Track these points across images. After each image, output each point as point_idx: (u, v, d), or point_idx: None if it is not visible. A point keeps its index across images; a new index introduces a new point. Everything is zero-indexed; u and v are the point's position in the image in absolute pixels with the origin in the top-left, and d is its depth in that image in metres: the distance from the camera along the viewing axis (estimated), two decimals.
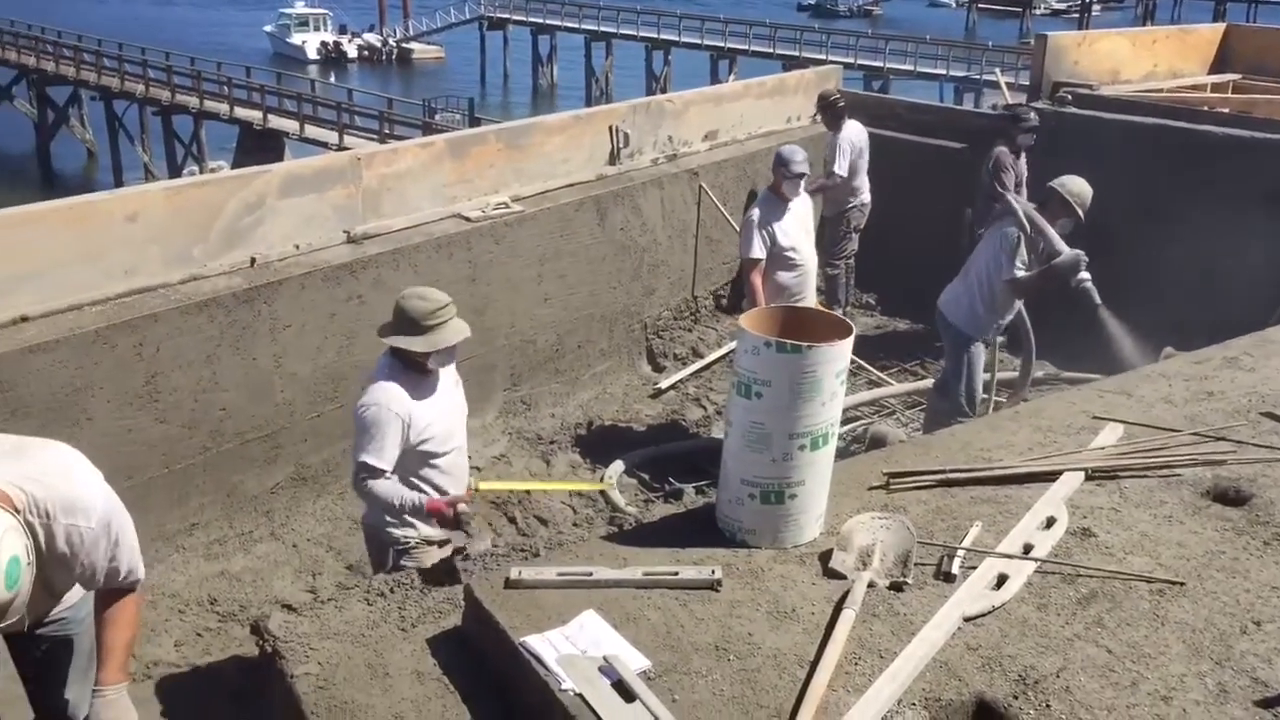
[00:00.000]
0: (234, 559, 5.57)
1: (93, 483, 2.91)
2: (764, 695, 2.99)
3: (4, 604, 2.52)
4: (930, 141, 9.57)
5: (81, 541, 2.82)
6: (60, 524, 2.75)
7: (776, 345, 3.48)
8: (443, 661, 3.49)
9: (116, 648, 3.05)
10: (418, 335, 4.12)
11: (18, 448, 2.88)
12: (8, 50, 39.73)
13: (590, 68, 49.40)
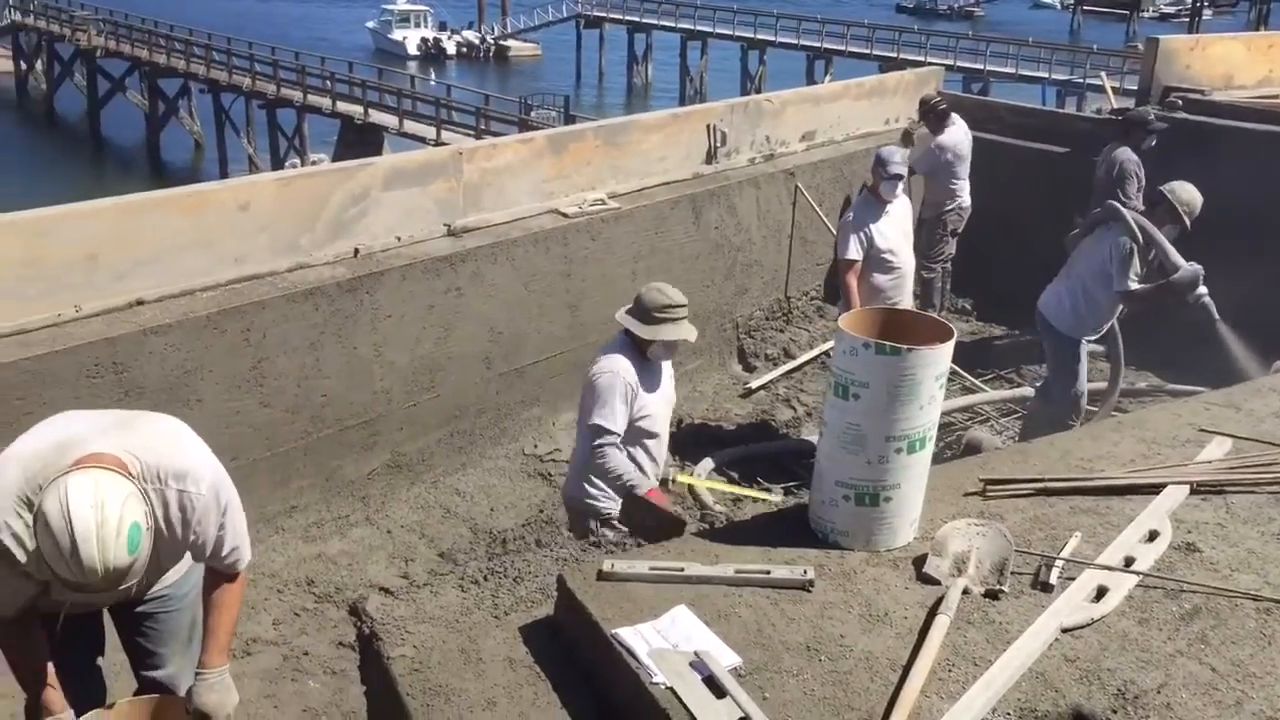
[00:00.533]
0: (330, 542, 5.70)
1: (201, 451, 3.01)
2: (855, 698, 2.97)
3: (124, 568, 2.61)
4: (1032, 145, 9.40)
5: (193, 508, 2.91)
6: (172, 490, 2.84)
7: (875, 347, 3.46)
8: (534, 650, 3.54)
9: (219, 632, 3.14)
10: (644, 323, 4.43)
11: (127, 420, 3.00)
12: (122, 43, 41.06)
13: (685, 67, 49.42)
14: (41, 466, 2.72)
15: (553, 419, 6.96)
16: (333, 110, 32.75)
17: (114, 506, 2.59)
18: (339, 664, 4.84)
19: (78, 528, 2.53)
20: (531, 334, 6.69)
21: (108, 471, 2.66)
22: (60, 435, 2.82)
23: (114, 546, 2.57)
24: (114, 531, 2.57)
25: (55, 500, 2.56)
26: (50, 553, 2.57)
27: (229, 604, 3.18)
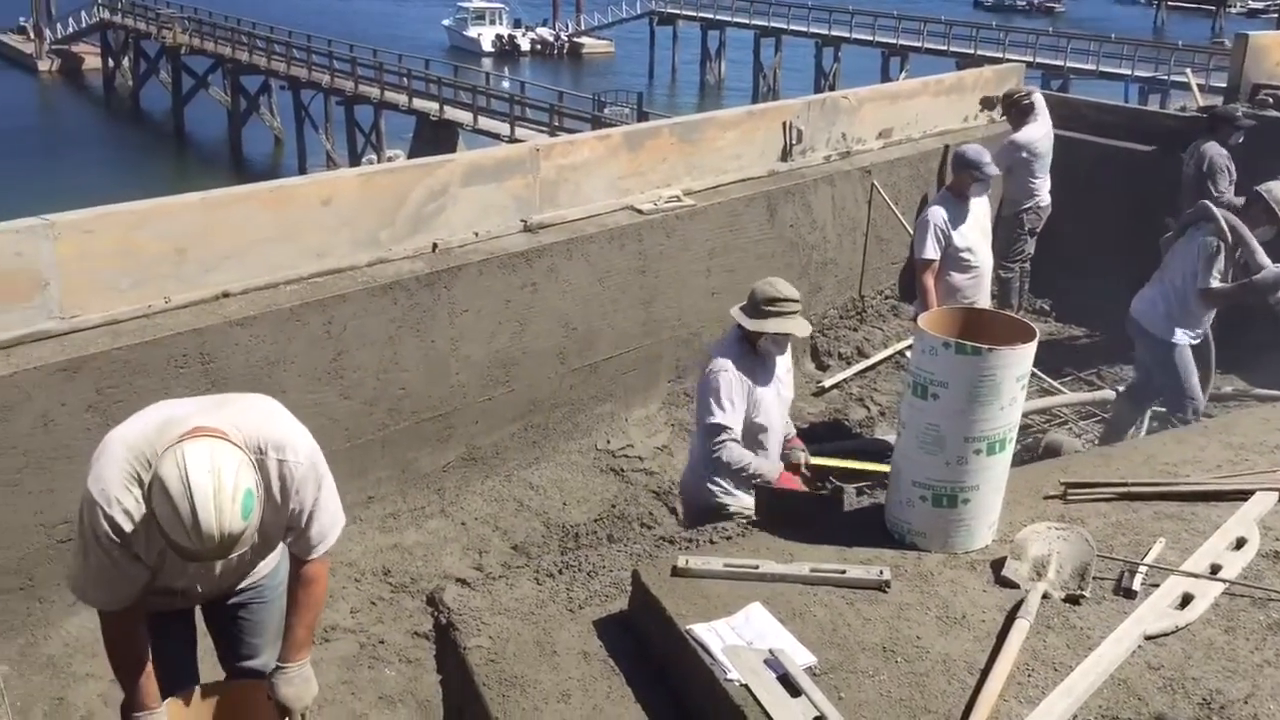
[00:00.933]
0: (406, 533, 5.78)
1: (296, 424, 3.09)
2: (933, 700, 2.95)
3: (238, 534, 2.67)
4: (1115, 144, 9.22)
5: (292, 477, 2.98)
6: (273, 460, 2.92)
7: (955, 346, 3.43)
8: (608, 644, 3.56)
9: (299, 630, 3.21)
10: (754, 316, 4.46)
11: (224, 400, 3.09)
12: (206, 41, 41.96)
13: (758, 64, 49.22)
14: (147, 444, 2.81)
15: (625, 414, 6.99)
16: (409, 107, 33.17)
17: (229, 473, 2.65)
18: (414, 653, 4.92)
19: (196, 493, 2.59)
20: (605, 330, 6.72)
21: (220, 440, 2.73)
22: (163, 416, 2.91)
23: (229, 511, 2.63)
24: (229, 497, 2.63)
25: (173, 467, 2.62)
26: (168, 519, 2.63)
27: (311, 604, 3.24)
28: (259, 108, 40.39)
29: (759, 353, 4.54)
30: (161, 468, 2.65)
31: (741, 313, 4.52)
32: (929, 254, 6.48)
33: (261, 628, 3.44)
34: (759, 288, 4.52)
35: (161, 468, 2.65)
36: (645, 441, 6.89)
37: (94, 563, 2.88)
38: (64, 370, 4.46)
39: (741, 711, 2.96)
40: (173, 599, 3.22)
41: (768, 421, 4.56)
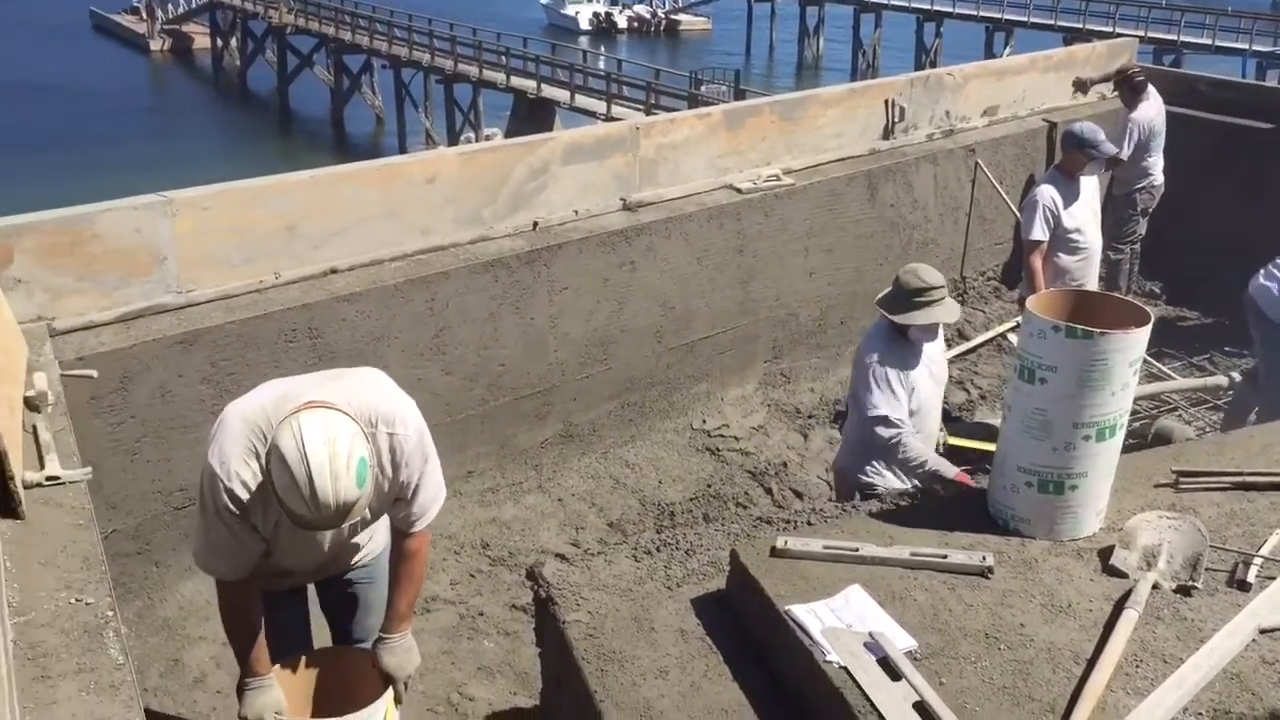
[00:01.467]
0: (504, 507, 5.87)
1: (404, 397, 3.16)
2: (1036, 688, 2.91)
3: (352, 503, 2.75)
4: (1232, 121, 8.89)
5: (401, 450, 3.05)
6: (383, 433, 2.99)
7: (1066, 330, 3.36)
8: (706, 622, 3.58)
9: (401, 604, 3.29)
10: (899, 308, 4.43)
11: (334, 374, 3.17)
12: (310, 20, 42.79)
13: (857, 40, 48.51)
14: (264, 418, 2.91)
15: (721, 394, 6.98)
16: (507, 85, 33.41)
17: (344, 442, 2.72)
18: (512, 625, 4.99)
19: (313, 461, 2.67)
20: (702, 309, 6.72)
21: (335, 411, 2.80)
22: (278, 391, 3.01)
23: (345, 479, 2.70)
24: (344, 465, 2.70)
25: (290, 436, 2.70)
26: (286, 488, 2.71)
27: (412, 578, 3.31)
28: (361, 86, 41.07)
29: (910, 339, 4.51)
30: (279, 438, 2.73)
31: (888, 303, 4.48)
32: (1037, 235, 6.34)
33: (371, 608, 3.52)
34: (903, 278, 4.45)
35: (279, 438, 2.73)
36: (741, 421, 6.88)
37: (213, 533, 2.98)
38: (181, 343, 4.61)
39: (841, 694, 2.95)
40: (285, 579, 3.32)
41: (920, 404, 4.52)
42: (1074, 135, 6.44)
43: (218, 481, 2.90)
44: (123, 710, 2.46)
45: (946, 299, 4.46)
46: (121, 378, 4.48)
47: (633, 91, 30.34)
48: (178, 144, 33.80)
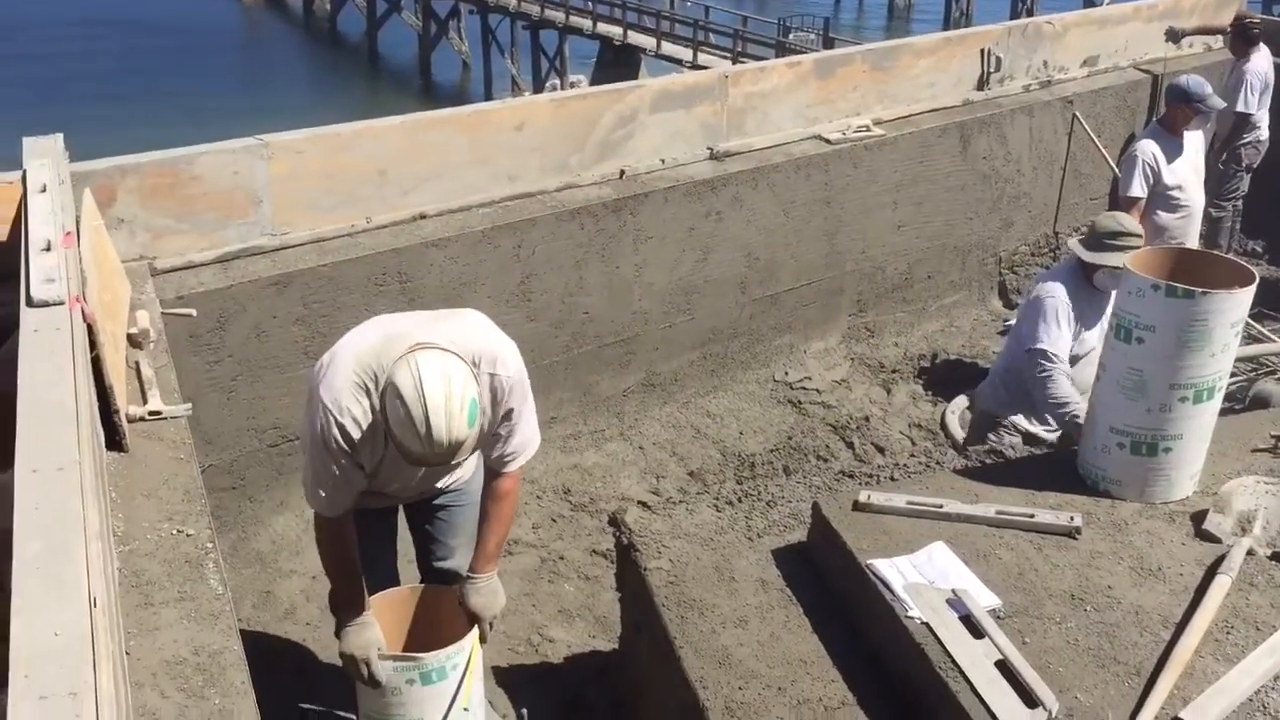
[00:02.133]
0: (586, 454, 5.92)
1: (505, 339, 3.22)
2: (1123, 651, 2.88)
3: (462, 441, 2.84)
4: None
5: (502, 390, 3.13)
6: (485, 373, 3.05)
7: (1165, 289, 3.28)
8: (786, 573, 3.59)
9: (490, 543, 3.34)
10: (1093, 249, 4.49)
11: (439, 315, 3.23)
12: None
13: None
14: (374, 358, 2.98)
15: (804, 347, 6.94)
16: (593, 31, 33.19)
17: (458, 383, 2.82)
18: (592, 570, 5.06)
19: (430, 399, 2.76)
20: (787, 261, 6.66)
21: (448, 353, 2.90)
22: (385, 331, 3.08)
23: (458, 419, 2.79)
24: (459, 405, 2.80)
25: (408, 376, 2.80)
26: (401, 424, 2.80)
27: (502, 518, 3.37)
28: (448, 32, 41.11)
29: (1094, 286, 4.53)
30: (397, 377, 2.82)
31: (1080, 245, 4.54)
32: (1136, 191, 6.17)
33: (457, 529, 3.60)
34: (1101, 220, 4.55)
35: (397, 377, 2.82)
36: (823, 374, 6.84)
37: (320, 468, 3.07)
38: (275, 284, 4.71)
39: (922, 649, 2.95)
40: (378, 500, 3.41)
41: (1086, 356, 4.51)
42: (1180, 88, 6.22)
43: (329, 417, 2.99)
44: (222, 639, 2.56)
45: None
46: (219, 317, 4.59)
47: (719, 39, 29.93)
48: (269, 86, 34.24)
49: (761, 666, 3.18)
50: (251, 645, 2.67)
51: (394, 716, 3.18)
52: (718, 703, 3.06)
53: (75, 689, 1.51)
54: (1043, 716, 2.70)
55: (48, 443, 2.10)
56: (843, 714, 3.02)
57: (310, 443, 3.08)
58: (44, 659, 1.56)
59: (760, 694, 3.08)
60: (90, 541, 1.84)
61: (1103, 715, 2.70)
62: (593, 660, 4.48)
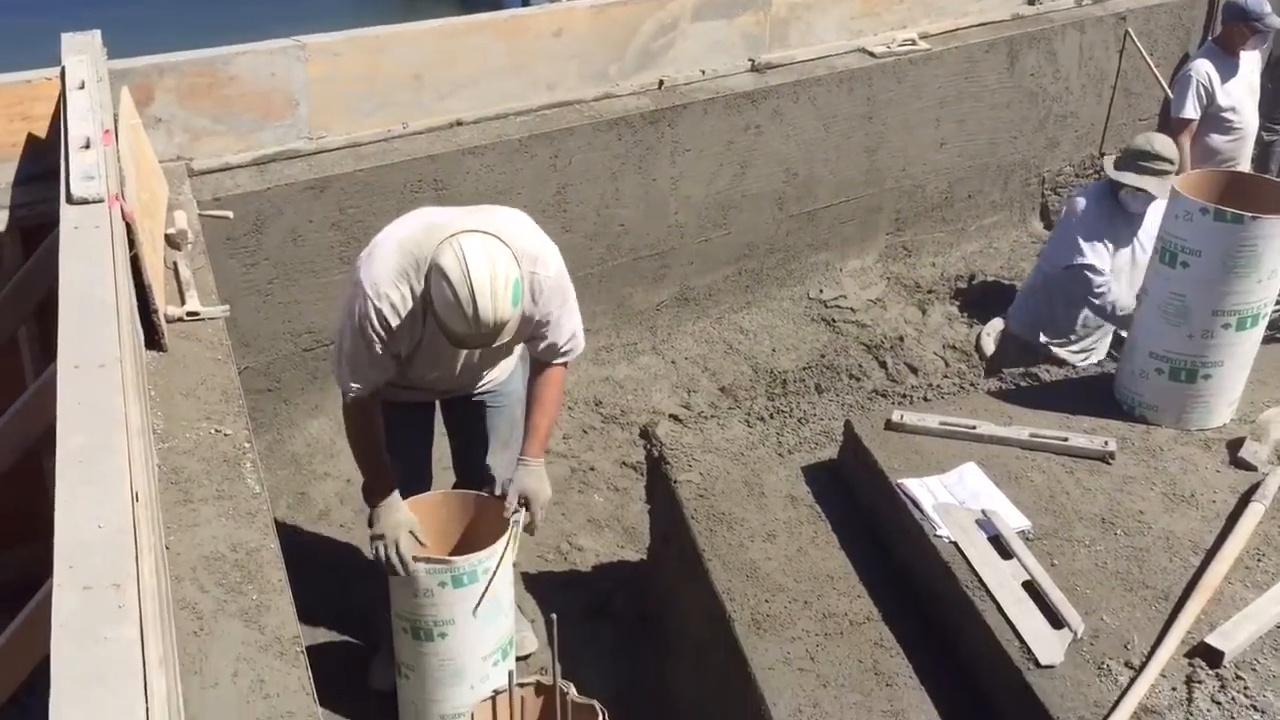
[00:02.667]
0: (618, 367, 5.93)
1: (547, 239, 3.25)
2: (1151, 576, 2.88)
3: (505, 322, 2.89)
4: None
5: (541, 290, 3.15)
6: (524, 271, 3.06)
7: (1215, 213, 3.21)
8: (815, 490, 3.61)
9: (541, 428, 3.39)
10: (1119, 166, 4.47)
11: (478, 209, 3.24)
12: None
13: None
14: (416, 245, 3.02)
15: (840, 265, 6.88)
16: None
17: (503, 263, 2.88)
18: (621, 481, 5.10)
19: (475, 278, 2.82)
20: (826, 177, 6.57)
21: (490, 235, 2.94)
22: (428, 220, 3.11)
23: (502, 298, 2.85)
24: (503, 284, 2.85)
25: (453, 257, 2.85)
26: (447, 305, 2.86)
27: (550, 401, 3.41)
28: None
29: (1121, 204, 4.51)
30: (441, 258, 2.87)
31: (1109, 162, 4.53)
32: (1188, 113, 6.02)
33: (492, 430, 3.63)
34: (1135, 140, 4.54)
35: (441, 258, 2.87)
36: (859, 293, 6.79)
37: (352, 348, 3.12)
38: (312, 188, 4.70)
39: (949, 568, 2.97)
40: (414, 393, 3.43)
41: (1117, 276, 4.50)
42: (1238, 6, 6.02)
43: (367, 301, 3.03)
44: (259, 536, 2.60)
45: (1170, 176, 4.36)
46: (255, 220, 4.60)
47: None
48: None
49: (788, 580, 3.21)
50: (286, 544, 2.72)
51: (425, 618, 3.25)
52: (744, 614, 3.09)
53: (118, 580, 1.54)
54: (1068, 637, 2.71)
55: (89, 339, 2.12)
56: (868, 629, 3.05)
57: (346, 323, 3.13)
58: (88, 550, 1.59)
59: (786, 607, 3.11)
60: (132, 437, 1.87)
61: (1128, 638, 2.71)
62: (621, 570, 4.54)
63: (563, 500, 4.95)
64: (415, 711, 3.47)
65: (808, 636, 3.01)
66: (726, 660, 3.09)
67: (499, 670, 3.34)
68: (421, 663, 3.34)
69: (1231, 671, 2.61)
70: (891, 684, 2.88)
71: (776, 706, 2.82)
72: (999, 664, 2.74)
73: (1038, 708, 2.60)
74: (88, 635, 1.45)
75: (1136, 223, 4.53)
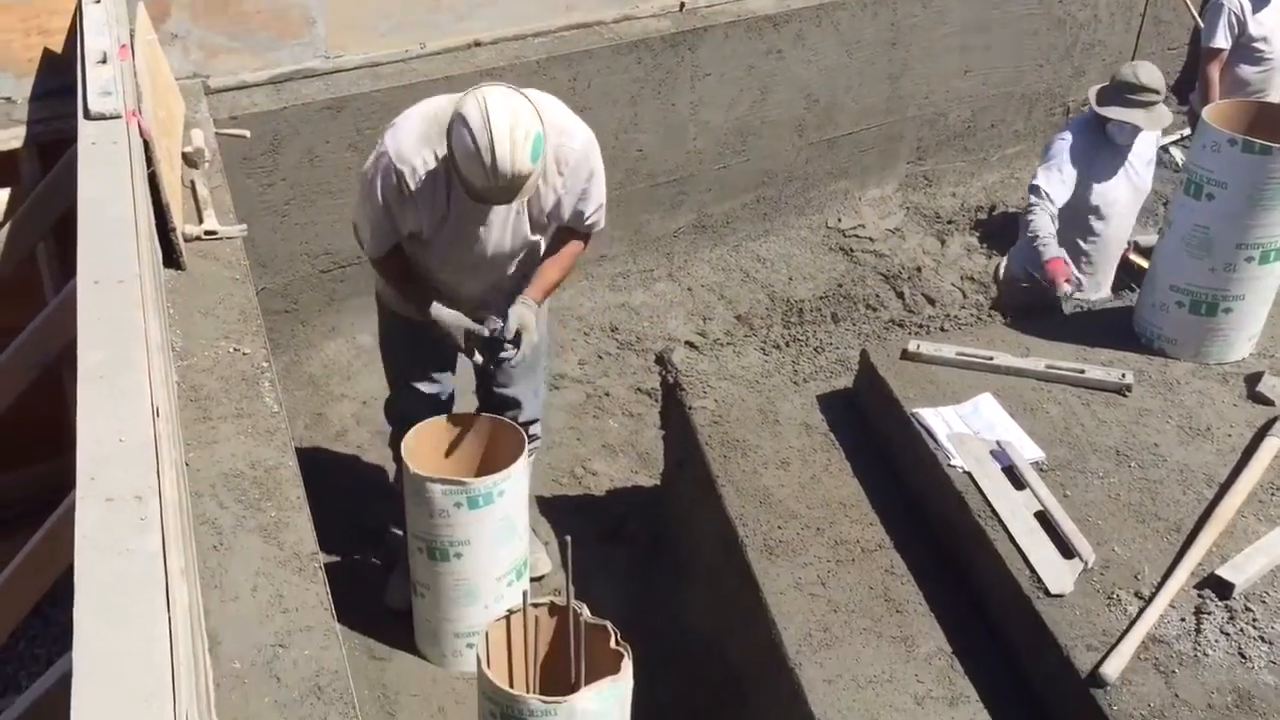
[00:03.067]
0: (634, 293, 5.92)
1: (578, 119, 3.25)
2: (1164, 508, 2.89)
3: (524, 175, 2.90)
4: None
5: (566, 162, 3.16)
6: (551, 142, 3.06)
7: (1243, 144, 3.17)
8: (830, 419, 3.62)
9: (547, 279, 3.39)
10: (1111, 101, 4.30)
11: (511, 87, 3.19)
12: None
13: None
14: (440, 113, 3.04)
15: (859, 193, 6.81)
16: None
17: (524, 115, 2.88)
18: (636, 407, 5.11)
19: (495, 128, 2.82)
20: (848, 104, 6.48)
21: (515, 91, 2.96)
22: (454, 96, 3.09)
23: (522, 148, 2.85)
24: (524, 134, 2.86)
25: (475, 104, 2.87)
26: (467, 154, 2.87)
27: (565, 258, 3.41)
28: None
29: (1108, 136, 4.37)
30: (463, 108, 2.89)
31: (1099, 91, 4.39)
32: (1219, 42, 5.89)
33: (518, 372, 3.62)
34: (1121, 70, 4.34)
35: (463, 108, 2.89)
36: (878, 223, 6.73)
37: (369, 207, 3.17)
38: (329, 108, 4.67)
39: (962, 498, 2.98)
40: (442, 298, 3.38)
41: (1103, 203, 4.38)
42: None
43: (390, 162, 3.06)
44: (277, 454, 2.63)
45: (1157, 107, 4.28)
46: (272, 139, 4.57)
47: None
48: None
49: (801, 507, 3.23)
50: (303, 464, 2.74)
51: (441, 538, 3.29)
52: (756, 540, 3.12)
53: (140, 492, 1.56)
54: (1079, 567, 2.73)
55: (108, 255, 2.12)
56: (879, 556, 3.08)
57: (365, 186, 3.16)
58: (109, 462, 1.61)
59: (799, 533, 3.14)
60: (152, 353, 1.87)
61: (1139, 569, 2.73)
62: (634, 495, 4.57)
63: (577, 425, 4.97)
64: (430, 630, 3.53)
65: (819, 563, 3.04)
66: (738, 585, 3.13)
67: (513, 591, 3.39)
68: (437, 582, 3.38)
69: (1241, 603, 2.63)
70: (901, 610, 2.91)
71: (787, 630, 2.85)
72: (1009, 592, 2.76)
73: (1046, 635, 2.63)
74: (110, 546, 1.46)
75: (1124, 153, 4.40)
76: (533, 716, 2.54)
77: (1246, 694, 2.44)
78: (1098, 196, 4.34)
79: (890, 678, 2.73)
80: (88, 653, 1.31)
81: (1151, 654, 2.54)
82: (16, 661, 3.59)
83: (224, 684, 2.10)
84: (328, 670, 2.16)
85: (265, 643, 2.20)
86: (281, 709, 2.08)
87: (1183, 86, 7.76)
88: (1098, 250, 4.43)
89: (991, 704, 2.67)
